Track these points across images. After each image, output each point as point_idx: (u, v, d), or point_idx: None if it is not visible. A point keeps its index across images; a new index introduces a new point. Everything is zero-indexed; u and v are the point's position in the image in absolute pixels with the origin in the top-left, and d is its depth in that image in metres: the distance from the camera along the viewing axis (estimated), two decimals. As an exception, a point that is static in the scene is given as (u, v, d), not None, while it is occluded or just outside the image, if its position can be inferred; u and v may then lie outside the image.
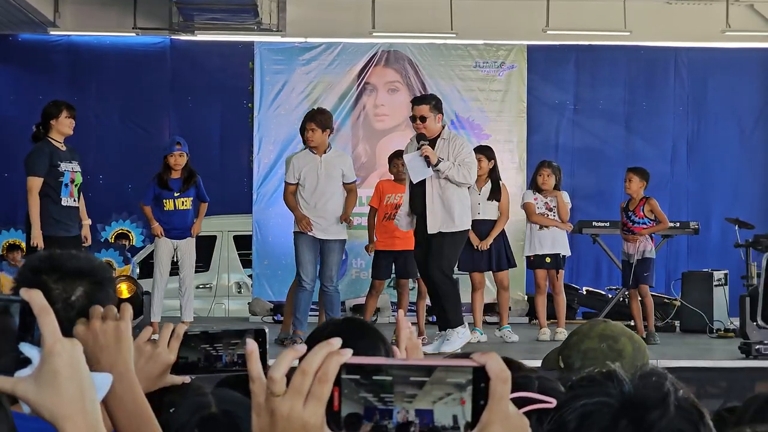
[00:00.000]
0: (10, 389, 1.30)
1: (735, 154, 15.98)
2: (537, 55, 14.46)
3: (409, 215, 9.06)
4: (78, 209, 9.36)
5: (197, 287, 13.52)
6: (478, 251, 10.12)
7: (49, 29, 15.68)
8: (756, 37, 15.87)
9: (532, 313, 11.82)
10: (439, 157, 8.78)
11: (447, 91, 13.10)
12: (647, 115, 15.95)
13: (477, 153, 10.30)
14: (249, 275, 13.90)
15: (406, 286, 10.36)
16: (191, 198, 10.22)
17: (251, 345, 1.22)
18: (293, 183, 9.65)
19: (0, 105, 15.98)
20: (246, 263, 14.22)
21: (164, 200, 10.14)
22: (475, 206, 10.14)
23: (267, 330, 2.09)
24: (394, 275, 10.58)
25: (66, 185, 9.16)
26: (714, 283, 11.63)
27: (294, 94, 12.96)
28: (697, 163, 16.06)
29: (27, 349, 1.30)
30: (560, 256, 10.41)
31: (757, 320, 8.77)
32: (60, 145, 9.21)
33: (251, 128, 13.12)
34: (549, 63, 15.52)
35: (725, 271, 11.96)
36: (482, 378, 1.17)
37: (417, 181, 8.88)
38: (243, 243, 14.17)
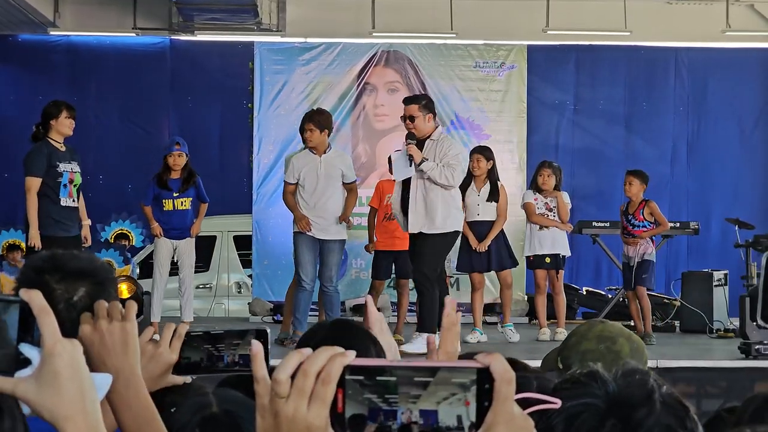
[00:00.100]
0: (11, 390, 1.29)
1: (735, 154, 15.98)
2: (537, 55, 14.46)
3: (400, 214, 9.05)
4: (77, 209, 9.35)
5: (197, 287, 13.52)
6: (477, 252, 10.12)
7: (49, 29, 15.67)
8: (756, 37, 15.87)
9: (532, 313, 11.81)
10: (424, 157, 8.77)
11: (447, 91, 13.11)
12: (647, 115, 15.95)
13: (476, 153, 10.31)
14: (249, 275, 13.90)
15: (406, 286, 10.35)
16: (191, 198, 10.22)
17: (257, 346, 1.22)
18: (293, 183, 9.65)
19: (0, 105, 15.98)
20: (246, 263, 14.22)
21: (163, 200, 10.14)
22: (474, 207, 10.14)
23: (269, 330, 2.09)
24: (394, 275, 10.59)
25: (65, 185, 9.15)
26: (714, 284, 11.62)
27: (294, 94, 12.95)
28: (697, 163, 16.06)
29: (27, 350, 1.30)
30: (560, 257, 10.41)
31: (757, 320, 8.76)
32: (59, 146, 9.19)
33: (251, 128, 13.11)
34: (549, 63, 15.51)
35: (725, 272, 11.95)
36: (486, 379, 1.16)
37: (399, 180, 8.94)
38: (243, 243, 14.17)
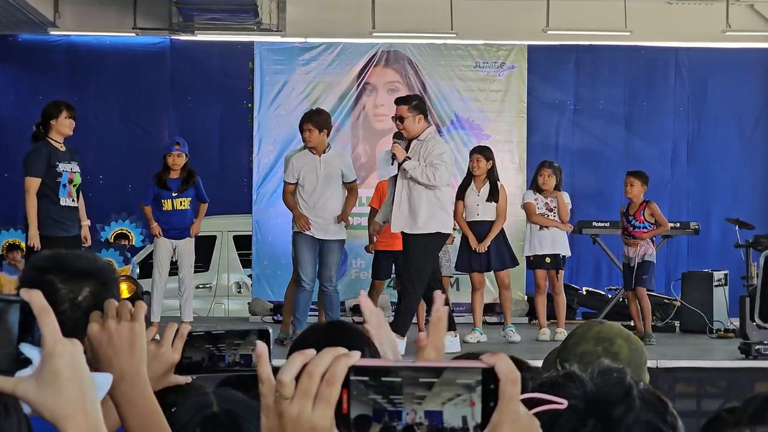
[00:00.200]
0: (11, 389, 1.29)
1: (735, 155, 15.97)
2: (537, 55, 14.45)
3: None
4: (77, 209, 9.35)
5: (197, 287, 13.52)
6: (477, 252, 10.11)
7: (49, 29, 15.67)
8: (756, 37, 15.86)
9: (532, 314, 11.81)
10: (407, 156, 8.78)
11: (447, 91, 13.10)
12: (647, 116, 15.94)
13: (475, 153, 10.31)
14: (249, 275, 13.89)
15: (406, 287, 10.34)
16: (190, 198, 10.23)
17: (261, 347, 1.22)
18: (292, 183, 9.66)
19: (0, 105, 15.98)
20: (246, 263, 14.22)
21: (162, 200, 10.16)
22: (474, 207, 10.15)
23: (271, 330, 2.09)
24: (394, 275, 10.58)
25: (64, 186, 9.15)
26: (714, 284, 11.62)
27: (294, 95, 12.95)
28: (698, 163, 16.06)
29: (27, 350, 1.30)
30: (560, 257, 10.41)
31: (755, 319, 8.75)
32: (59, 146, 9.19)
33: (251, 128, 13.10)
34: (549, 63, 15.51)
35: (725, 272, 11.95)
36: (492, 379, 1.16)
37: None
38: (243, 243, 14.16)
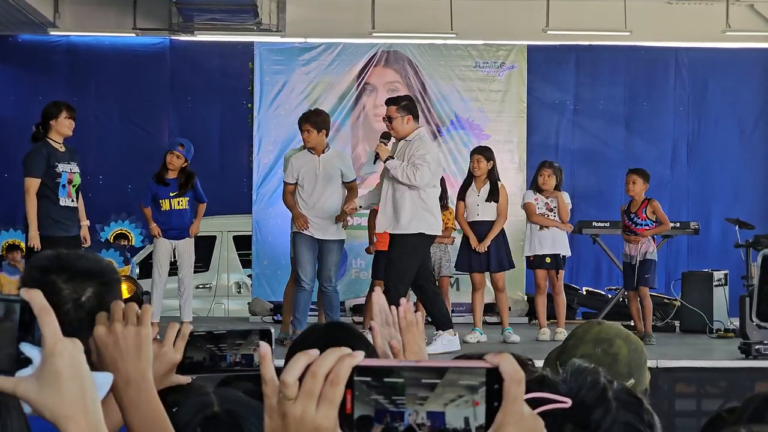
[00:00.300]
0: (12, 389, 1.29)
1: (735, 155, 15.97)
2: (537, 55, 14.45)
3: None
4: (77, 209, 9.35)
5: (197, 287, 13.53)
6: (477, 252, 10.11)
7: (49, 30, 15.67)
8: (756, 37, 15.86)
9: (532, 313, 11.80)
10: (390, 156, 8.79)
11: (447, 92, 13.10)
12: (647, 116, 15.94)
13: (476, 154, 10.31)
14: (249, 275, 13.89)
15: (406, 287, 10.34)
16: (188, 198, 10.26)
17: (264, 348, 1.22)
18: (292, 183, 9.67)
19: (0, 105, 15.98)
20: (246, 263, 14.22)
21: (160, 200, 10.20)
22: (474, 207, 10.15)
23: (273, 330, 2.09)
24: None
25: (63, 186, 9.15)
26: (714, 284, 11.61)
27: (294, 95, 12.94)
28: (698, 163, 16.06)
29: (28, 349, 1.30)
30: (560, 257, 10.40)
31: (752, 317, 8.74)
32: (59, 146, 9.19)
33: (251, 128, 13.10)
34: (549, 63, 15.51)
35: (725, 272, 11.94)
36: (496, 379, 1.15)
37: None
38: (243, 243, 14.16)
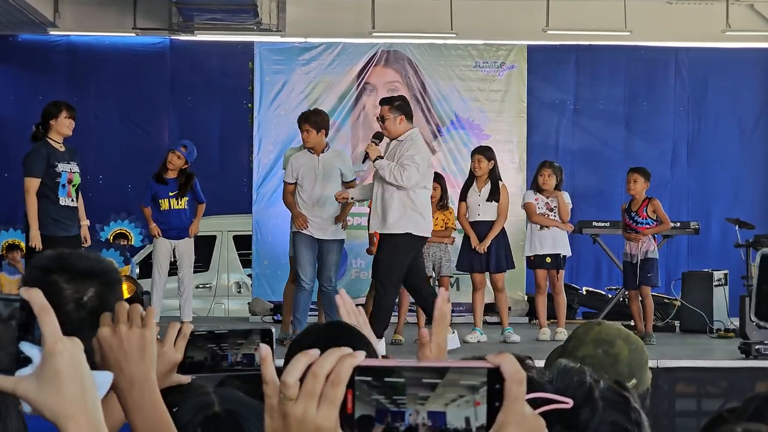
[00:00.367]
0: (12, 389, 1.29)
1: (735, 154, 15.97)
2: (537, 55, 14.45)
3: None
4: (77, 209, 9.35)
5: (197, 287, 13.53)
6: (477, 252, 10.11)
7: (49, 29, 15.67)
8: (756, 37, 15.86)
9: (532, 313, 11.81)
10: (379, 155, 8.80)
11: (447, 91, 13.10)
12: (647, 116, 15.94)
13: (477, 154, 10.32)
14: (249, 275, 13.89)
15: (406, 286, 10.34)
16: (187, 198, 10.30)
17: (265, 348, 1.22)
18: (292, 183, 9.67)
19: (0, 105, 15.98)
20: (246, 263, 14.21)
21: (160, 200, 10.22)
22: (475, 207, 10.15)
23: (274, 330, 2.09)
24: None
25: (63, 186, 9.15)
26: (714, 283, 11.61)
27: (294, 94, 12.94)
28: (698, 163, 16.06)
29: (28, 349, 1.30)
30: (561, 256, 10.40)
31: (751, 316, 8.74)
32: (58, 146, 9.20)
33: (251, 128, 13.10)
34: (549, 63, 15.51)
35: (725, 271, 11.94)
36: (497, 379, 1.15)
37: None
38: (243, 243, 14.16)
